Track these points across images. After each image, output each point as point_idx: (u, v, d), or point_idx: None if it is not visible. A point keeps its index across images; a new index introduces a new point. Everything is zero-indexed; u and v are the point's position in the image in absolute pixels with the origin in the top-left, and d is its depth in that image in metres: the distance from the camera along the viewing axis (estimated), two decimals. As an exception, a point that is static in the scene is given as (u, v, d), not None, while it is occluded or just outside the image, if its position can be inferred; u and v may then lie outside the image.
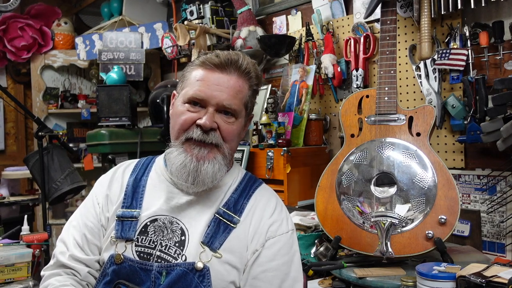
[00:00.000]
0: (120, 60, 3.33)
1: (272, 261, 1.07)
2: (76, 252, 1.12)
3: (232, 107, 1.08)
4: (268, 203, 1.13)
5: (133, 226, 1.08)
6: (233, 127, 1.10)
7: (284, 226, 1.11)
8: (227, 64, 1.08)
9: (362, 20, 2.12)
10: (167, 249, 1.05)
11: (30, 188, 3.76)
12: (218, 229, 1.06)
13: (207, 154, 1.06)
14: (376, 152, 1.53)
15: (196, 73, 1.10)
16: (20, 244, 1.79)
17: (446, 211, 1.42)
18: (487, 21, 1.72)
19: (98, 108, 2.80)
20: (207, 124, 1.05)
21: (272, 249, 1.08)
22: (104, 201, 1.16)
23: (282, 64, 2.61)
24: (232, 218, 1.08)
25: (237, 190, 1.14)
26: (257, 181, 1.20)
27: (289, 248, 1.11)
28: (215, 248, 1.04)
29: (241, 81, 1.10)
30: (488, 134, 1.55)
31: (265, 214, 1.11)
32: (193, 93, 1.07)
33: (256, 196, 1.14)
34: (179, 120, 1.08)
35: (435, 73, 1.84)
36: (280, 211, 1.14)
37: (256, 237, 1.08)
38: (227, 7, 2.81)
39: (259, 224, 1.09)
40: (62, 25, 3.90)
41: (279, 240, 1.09)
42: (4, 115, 4.07)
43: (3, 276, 1.62)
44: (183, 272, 1.01)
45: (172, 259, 1.04)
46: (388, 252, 1.43)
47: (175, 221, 1.08)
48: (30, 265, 1.67)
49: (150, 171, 1.19)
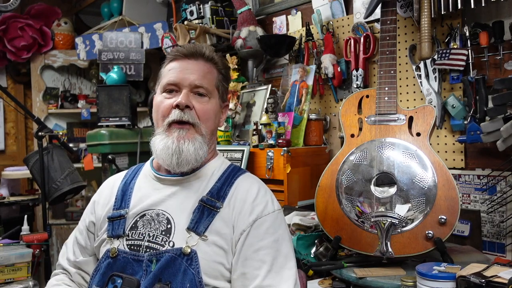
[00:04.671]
0: (120, 60, 3.33)
1: (262, 240, 1.09)
2: (70, 255, 1.27)
3: (204, 85, 1.17)
4: (250, 187, 1.17)
5: (121, 224, 1.16)
6: (207, 106, 1.18)
7: (270, 207, 1.15)
8: (193, 52, 1.20)
9: (362, 20, 2.12)
10: (155, 238, 1.11)
11: (30, 188, 3.76)
12: (203, 215, 1.11)
13: (186, 134, 1.14)
14: (376, 152, 1.53)
15: (168, 66, 1.22)
16: (20, 244, 1.79)
17: (446, 211, 1.42)
18: (487, 21, 1.72)
19: (98, 108, 2.81)
20: (182, 101, 1.14)
21: (260, 228, 1.10)
22: (91, 206, 1.29)
23: (282, 64, 2.61)
24: (215, 203, 1.13)
25: (220, 179, 1.19)
26: (240, 170, 1.24)
27: (278, 227, 1.13)
28: (200, 232, 1.09)
29: (208, 65, 1.21)
30: (488, 134, 1.55)
31: (248, 197, 1.14)
32: (167, 80, 1.18)
33: (238, 182, 1.19)
34: (160, 108, 1.18)
35: (435, 73, 1.84)
36: (264, 194, 1.17)
37: (241, 218, 1.11)
38: (227, 7, 2.81)
39: (242, 207, 1.13)
40: (62, 25, 3.90)
41: (266, 220, 1.12)
42: (4, 115, 4.07)
43: (3, 276, 1.62)
44: (172, 258, 1.06)
45: (159, 247, 1.09)
46: (388, 252, 1.43)
47: (161, 212, 1.14)
48: (30, 265, 1.68)
49: (138, 175, 1.28)
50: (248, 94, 2.53)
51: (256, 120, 2.25)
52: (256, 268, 1.07)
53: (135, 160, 2.71)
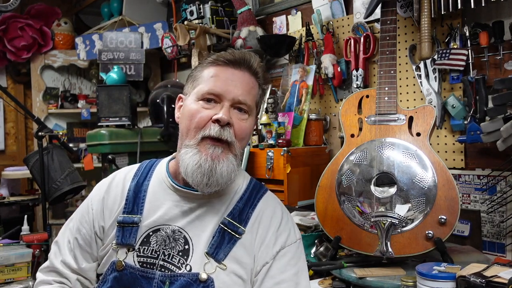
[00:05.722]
0: (120, 60, 3.33)
1: (283, 272, 1.06)
2: (68, 259, 1.14)
3: (247, 103, 1.07)
4: (274, 214, 1.11)
5: (133, 232, 1.07)
6: (246, 124, 1.08)
7: (292, 236, 1.11)
8: (241, 61, 1.07)
9: (362, 20, 2.12)
10: (171, 258, 1.03)
11: (30, 188, 3.76)
12: (223, 240, 1.04)
13: (221, 153, 1.03)
14: (376, 152, 1.53)
15: (209, 71, 1.08)
16: (20, 244, 1.79)
17: (446, 211, 1.42)
18: (487, 21, 1.72)
19: (98, 108, 2.80)
20: (225, 118, 1.02)
21: (283, 260, 1.07)
22: (99, 205, 1.14)
23: (282, 64, 2.61)
24: (237, 229, 1.06)
25: (242, 199, 1.11)
26: (261, 188, 1.16)
27: (299, 258, 1.11)
28: (220, 259, 1.02)
29: (253, 78, 1.10)
30: (488, 134, 1.55)
31: (272, 225, 1.09)
32: (208, 89, 1.05)
33: (261, 206, 1.12)
34: (195, 118, 1.05)
35: (435, 73, 1.84)
36: (287, 221, 1.13)
37: (263, 249, 1.07)
38: (227, 7, 2.81)
39: (266, 235, 1.08)
40: (62, 25, 3.90)
41: (289, 250, 1.09)
42: (4, 115, 4.07)
43: (3, 276, 1.62)
44: (187, 283, 1.00)
45: (175, 269, 1.02)
46: (388, 252, 1.43)
47: (177, 230, 1.06)
48: (30, 265, 1.68)
49: (151, 176, 1.16)
50: (248, 94, 2.53)
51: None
52: None
53: (135, 160, 2.70)
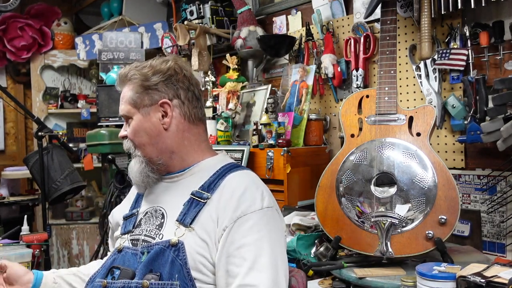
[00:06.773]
0: (120, 60, 3.34)
1: (245, 237, 1.05)
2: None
3: (124, 114, 1.25)
4: (240, 181, 1.14)
5: (132, 220, 1.24)
6: (131, 127, 1.25)
7: (257, 204, 1.09)
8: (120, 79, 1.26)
9: (362, 20, 2.12)
10: (149, 232, 1.16)
11: (30, 188, 3.76)
12: (191, 207, 1.14)
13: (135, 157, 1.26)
14: (376, 152, 1.53)
15: None
16: (20, 244, 1.79)
17: (446, 211, 1.42)
18: (487, 21, 1.72)
19: (98, 108, 2.81)
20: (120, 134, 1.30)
21: (244, 226, 1.06)
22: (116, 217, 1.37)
23: (282, 64, 2.61)
24: (203, 195, 1.14)
25: (215, 174, 1.19)
26: (240, 167, 1.22)
27: (264, 225, 1.08)
28: (187, 223, 1.11)
29: (127, 87, 1.23)
30: (488, 134, 1.55)
31: (236, 191, 1.11)
32: None
33: (231, 176, 1.16)
34: None
35: (435, 73, 1.84)
36: (255, 190, 1.12)
37: (226, 213, 1.08)
38: (227, 7, 2.81)
39: (229, 200, 1.10)
40: (62, 25, 3.90)
41: (251, 217, 1.07)
42: (4, 115, 4.07)
43: (3, 276, 1.62)
44: (161, 249, 1.09)
45: (151, 240, 1.14)
46: (388, 252, 1.43)
47: (158, 208, 1.20)
48: (30, 265, 1.68)
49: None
50: (248, 94, 2.53)
51: (256, 120, 2.25)
52: (238, 265, 1.03)
53: (135, 160, 2.70)
